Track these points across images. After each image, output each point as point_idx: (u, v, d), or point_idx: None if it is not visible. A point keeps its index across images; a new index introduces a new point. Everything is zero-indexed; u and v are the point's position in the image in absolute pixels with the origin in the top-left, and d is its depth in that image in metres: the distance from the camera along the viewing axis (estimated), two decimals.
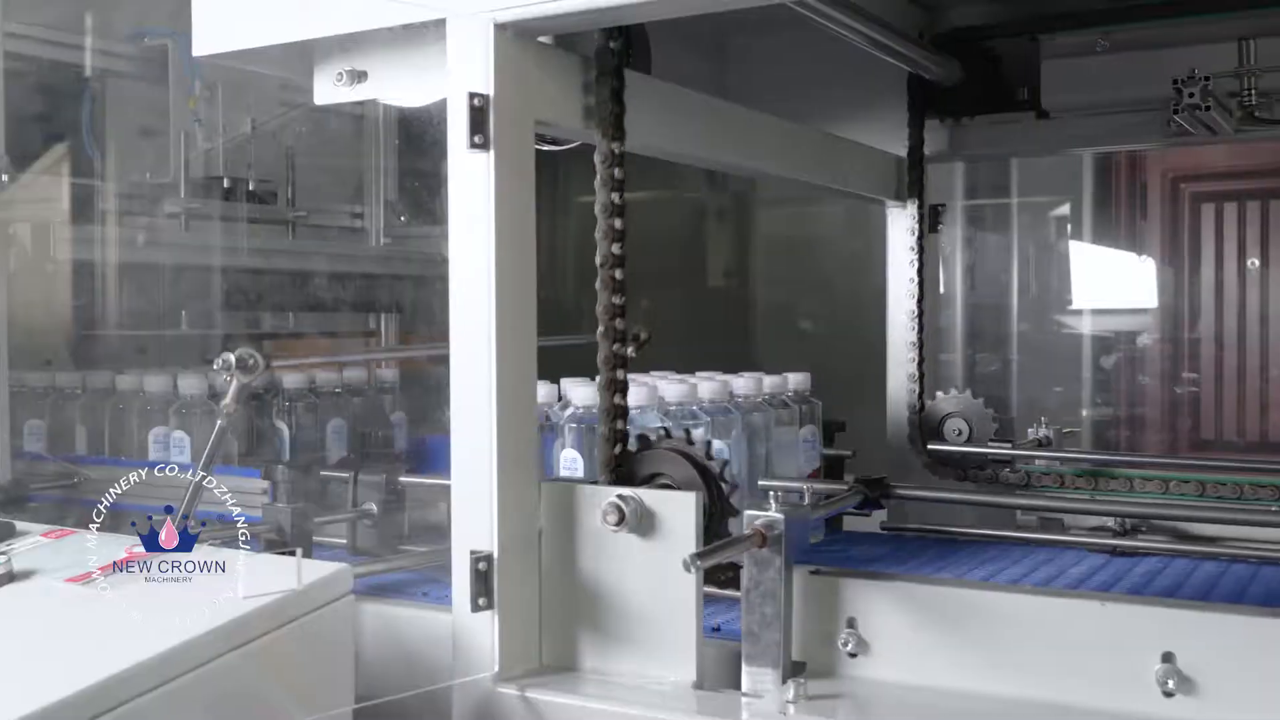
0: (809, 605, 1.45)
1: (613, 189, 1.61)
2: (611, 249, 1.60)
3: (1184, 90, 2.07)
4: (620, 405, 1.59)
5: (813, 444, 2.23)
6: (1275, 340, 4.34)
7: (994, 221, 4.70)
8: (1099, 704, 1.31)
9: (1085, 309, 4.63)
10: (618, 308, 1.60)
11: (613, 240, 1.60)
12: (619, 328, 1.59)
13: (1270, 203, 4.41)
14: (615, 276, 1.60)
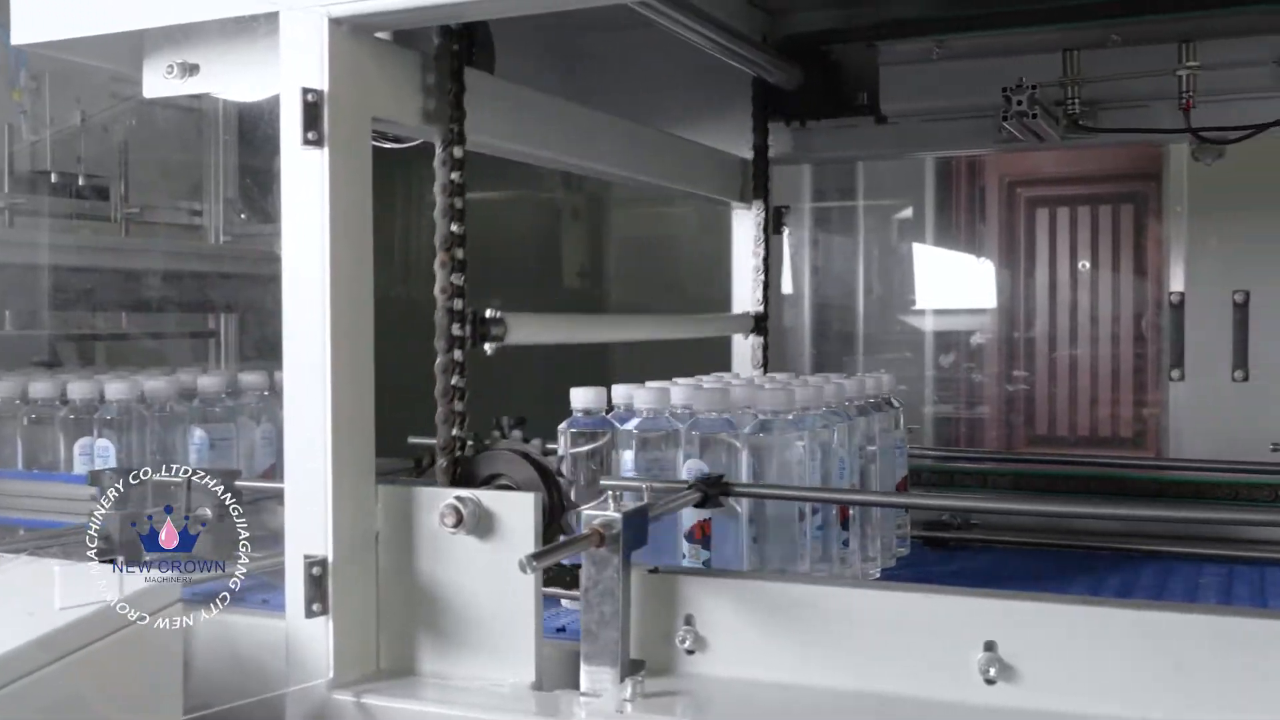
0: (647, 603, 1.45)
1: (452, 168, 1.60)
2: (451, 228, 1.58)
3: (1013, 98, 2.14)
4: (459, 413, 1.58)
5: (903, 449, 2.06)
6: (1104, 339, 4.53)
7: (840, 223, 4.81)
8: (926, 693, 1.35)
9: (928, 309, 4.77)
10: (457, 288, 1.58)
11: (451, 219, 1.59)
12: (457, 309, 1.58)
13: (1099, 207, 4.60)
14: (455, 256, 1.58)
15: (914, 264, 4.92)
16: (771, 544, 1.69)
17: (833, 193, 4.80)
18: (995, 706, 1.32)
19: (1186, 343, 2.64)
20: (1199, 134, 2.25)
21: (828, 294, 4.75)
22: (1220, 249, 3.25)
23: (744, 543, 1.68)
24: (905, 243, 4.89)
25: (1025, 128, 2.19)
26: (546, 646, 1.48)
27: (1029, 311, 4.71)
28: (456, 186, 1.60)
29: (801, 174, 4.43)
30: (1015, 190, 4.88)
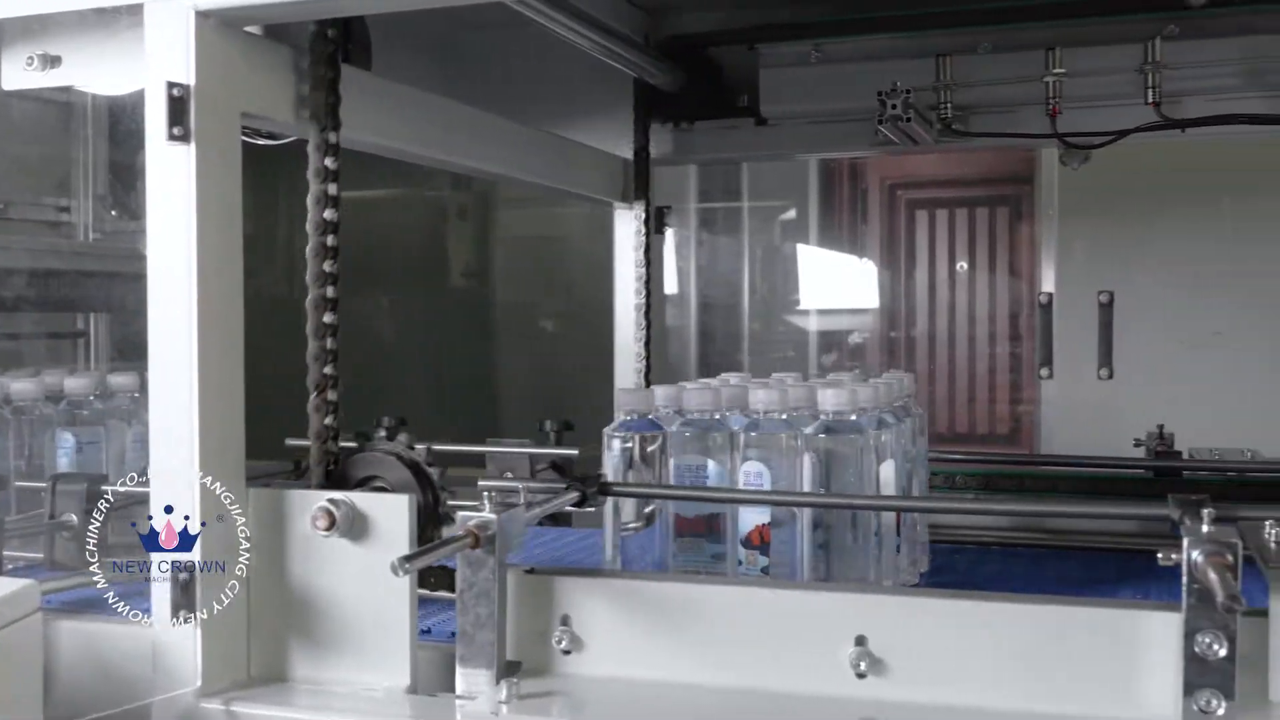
0: (524, 604, 1.45)
1: (325, 179, 1.57)
2: (323, 240, 1.56)
3: (887, 102, 2.18)
4: (332, 402, 1.55)
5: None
6: (981, 338, 4.64)
7: (726, 224, 4.85)
8: (799, 688, 1.37)
9: (812, 309, 4.83)
10: (328, 301, 1.56)
11: (324, 232, 1.56)
12: (328, 323, 1.55)
13: (977, 210, 4.71)
14: (325, 269, 1.56)
15: (798, 264, 4.98)
16: (836, 551, 1.61)
17: (718, 193, 4.84)
18: (866, 699, 1.34)
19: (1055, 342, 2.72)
20: (1065, 139, 2.32)
21: (713, 294, 4.79)
22: (1087, 251, 3.36)
23: (805, 550, 1.61)
24: (789, 243, 4.95)
25: (900, 131, 2.23)
26: (423, 650, 1.47)
27: (909, 311, 4.80)
28: (330, 173, 1.57)
29: (687, 174, 4.46)
30: (896, 192, 4.96)
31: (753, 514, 1.62)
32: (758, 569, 1.61)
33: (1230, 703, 1.21)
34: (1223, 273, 3.23)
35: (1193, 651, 1.22)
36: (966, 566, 1.98)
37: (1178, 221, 3.21)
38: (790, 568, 1.61)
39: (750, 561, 1.61)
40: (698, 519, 1.66)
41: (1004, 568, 1.95)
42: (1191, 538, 1.22)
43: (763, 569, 1.61)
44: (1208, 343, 3.19)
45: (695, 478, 1.67)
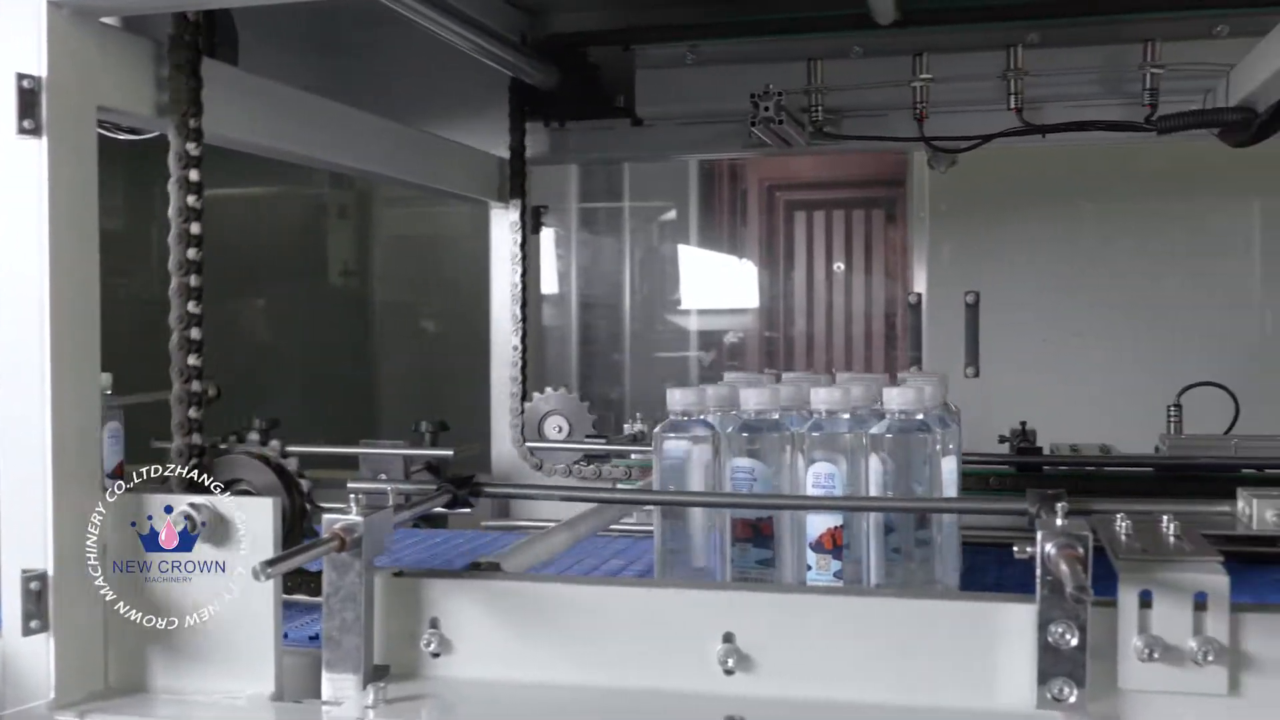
0: (392, 607, 1.43)
1: (188, 190, 1.54)
2: (187, 254, 1.53)
3: (760, 104, 2.20)
4: (196, 394, 1.52)
5: None
6: (858, 338, 4.72)
7: (607, 224, 4.86)
8: (669, 686, 1.37)
9: (692, 309, 4.86)
10: (194, 317, 1.53)
11: (188, 245, 1.53)
12: (192, 312, 1.52)
13: (853, 211, 4.79)
14: (190, 284, 1.53)
15: (679, 264, 5.01)
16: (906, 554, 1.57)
17: (600, 193, 4.84)
18: (734, 696, 1.35)
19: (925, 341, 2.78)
20: (931, 143, 2.37)
21: (594, 293, 4.79)
22: (955, 252, 3.44)
23: (876, 553, 1.57)
24: (670, 244, 4.98)
25: (773, 133, 2.26)
26: (290, 655, 1.45)
27: (788, 311, 4.86)
28: (193, 185, 1.54)
29: (568, 174, 4.46)
30: (775, 194, 5.02)
31: (823, 517, 1.58)
32: (830, 574, 1.57)
33: (1081, 690, 1.25)
34: (1084, 274, 3.33)
35: (1046, 641, 1.26)
36: None
37: (1041, 224, 3.31)
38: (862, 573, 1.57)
39: (822, 566, 1.58)
40: (744, 523, 1.63)
41: None
42: (1045, 531, 1.26)
43: (835, 573, 1.57)
44: (1069, 342, 3.30)
45: (751, 480, 1.63)
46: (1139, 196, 3.36)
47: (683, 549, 1.67)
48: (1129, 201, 3.35)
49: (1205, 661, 1.24)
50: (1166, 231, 3.35)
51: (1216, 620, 1.24)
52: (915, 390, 1.58)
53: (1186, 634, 1.25)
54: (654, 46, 2.52)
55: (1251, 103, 2.10)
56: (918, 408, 1.58)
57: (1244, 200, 3.25)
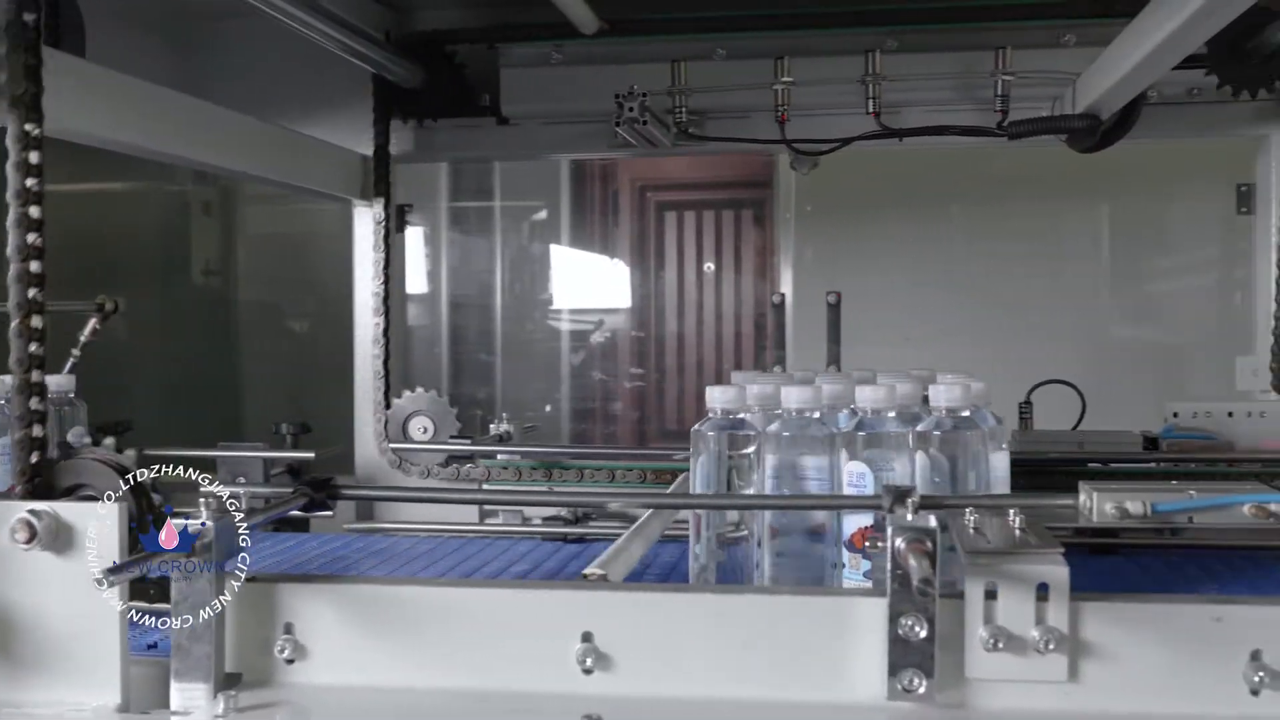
0: (244, 614, 1.40)
1: (28, 174, 1.48)
2: (27, 238, 1.47)
3: (624, 104, 2.21)
4: (38, 410, 1.46)
5: None
6: (728, 337, 4.77)
7: (478, 223, 4.83)
8: (528, 687, 1.37)
9: (564, 309, 4.86)
10: (35, 303, 1.47)
11: (28, 229, 1.47)
12: (35, 326, 1.46)
13: (723, 212, 4.84)
14: (31, 270, 1.47)
15: (551, 264, 5.00)
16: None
17: (470, 192, 4.81)
18: (593, 695, 1.35)
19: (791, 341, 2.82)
20: (793, 145, 2.40)
21: (465, 293, 4.76)
22: (819, 252, 3.50)
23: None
24: (542, 243, 4.97)
25: (638, 133, 2.27)
26: (137, 665, 1.41)
27: (659, 311, 4.89)
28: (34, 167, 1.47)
29: (438, 172, 4.42)
30: (646, 194, 5.04)
31: (855, 516, 1.57)
32: (860, 573, 1.56)
33: (930, 681, 1.28)
34: (944, 274, 3.42)
35: (896, 634, 1.29)
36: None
37: (903, 225, 3.39)
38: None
39: (854, 565, 1.57)
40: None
41: None
42: (895, 526, 1.29)
43: (865, 573, 1.56)
44: (930, 340, 3.37)
45: (795, 479, 1.61)
46: (996, 199, 3.46)
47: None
48: (987, 204, 3.45)
49: (1047, 650, 1.28)
50: (1022, 233, 3.45)
51: (1057, 610, 1.28)
52: (962, 387, 1.60)
53: (1029, 624, 1.28)
54: (519, 45, 2.51)
55: (1096, 110, 2.17)
56: (965, 405, 1.59)
57: (1094, 204, 3.37)
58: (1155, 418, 2.30)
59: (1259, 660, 1.27)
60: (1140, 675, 1.29)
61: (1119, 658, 1.29)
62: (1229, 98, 2.30)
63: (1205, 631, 1.29)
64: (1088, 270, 3.39)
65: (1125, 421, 2.30)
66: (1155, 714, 1.28)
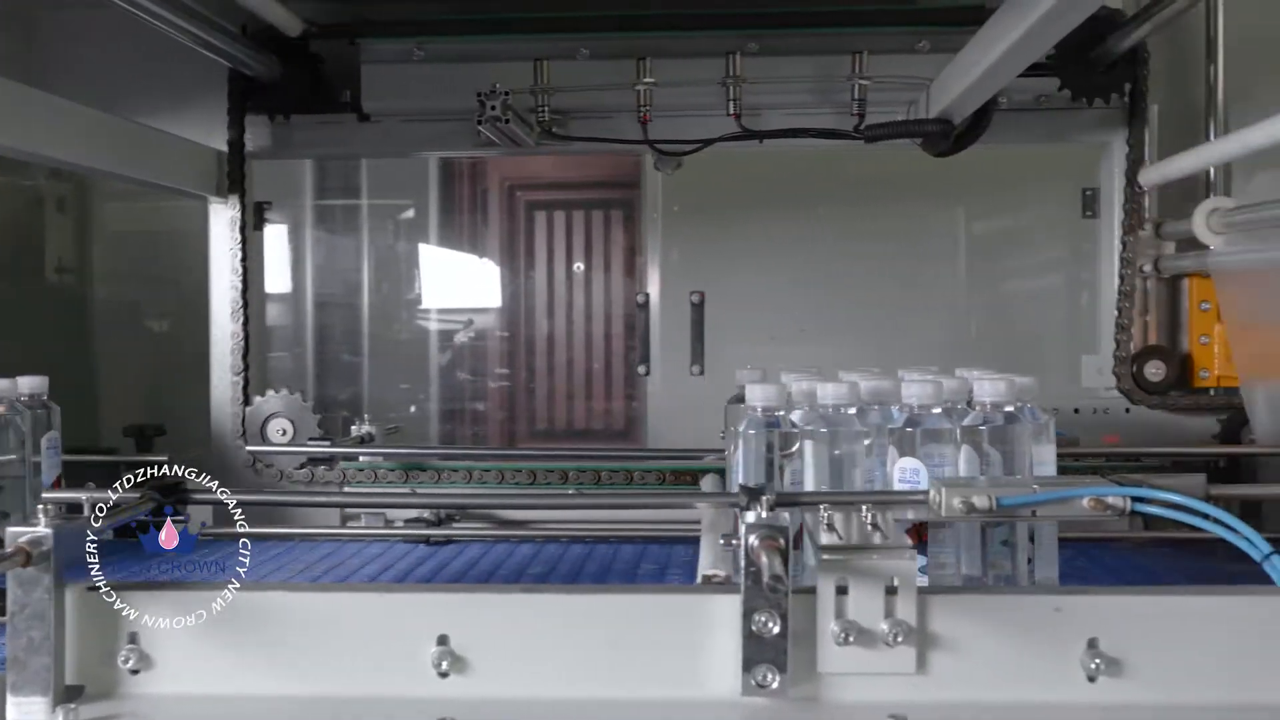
0: (86, 624, 1.35)
1: None
2: None
3: (487, 103, 2.20)
4: None
5: None
6: (598, 337, 4.77)
7: (344, 221, 4.74)
8: (382, 692, 1.35)
9: (433, 309, 4.80)
10: None
11: None
12: None
13: (593, 212, 4.83)
14: None
15: (419, 264, 4.94)
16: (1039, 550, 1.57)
17: (336, 190, 4.72)
18: (448, 698, 1.34)
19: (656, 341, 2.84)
20: (655, 146, 2.42)
21: (330, 292, 4.67)
22: (685, 253, 3.52)
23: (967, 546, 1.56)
24: (410, 242, 4.90)
25: (501, 132, 2.26)
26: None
27: (529, 311, 4.85)
28: None
29: (301, 169, 4.33)
30: (515, 194, 5.01)
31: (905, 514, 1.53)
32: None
33: (783, 676, 1.30)
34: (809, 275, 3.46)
35: (750, 630, 1.30)
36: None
37: (768, 225, 3.41)
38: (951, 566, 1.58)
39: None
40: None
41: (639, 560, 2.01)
42: (748, 524, 1.30)
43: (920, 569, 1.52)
44: (794, 339, 3.41)
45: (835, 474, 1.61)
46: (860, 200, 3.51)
47: None
48: (851, 204, 3.50)
49: (896, 643, 1.31)
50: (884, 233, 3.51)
51: (905, 604, 1.31)
52: (1008, 383, 1.61)
53: (879, 618, 1.31)
54: (380, 41, 2.48)
55: (949, 114, 2.23)
56: (1011, 399, 1.60)
57: (951, 206, 3.45)
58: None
59: (1095, 648, 1.31)
60: (985, 665, 1.32)
61: (965, 649, 1.32)
62: (1075, 105, 2.38)
63: (1046, 621, 1.33)
64: (946, 270, 3.46)
65: None
66: (998, 702, 1.32)
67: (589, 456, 2.46)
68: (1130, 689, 1.31)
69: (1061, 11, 1.58)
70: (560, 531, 2.17)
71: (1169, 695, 1.31)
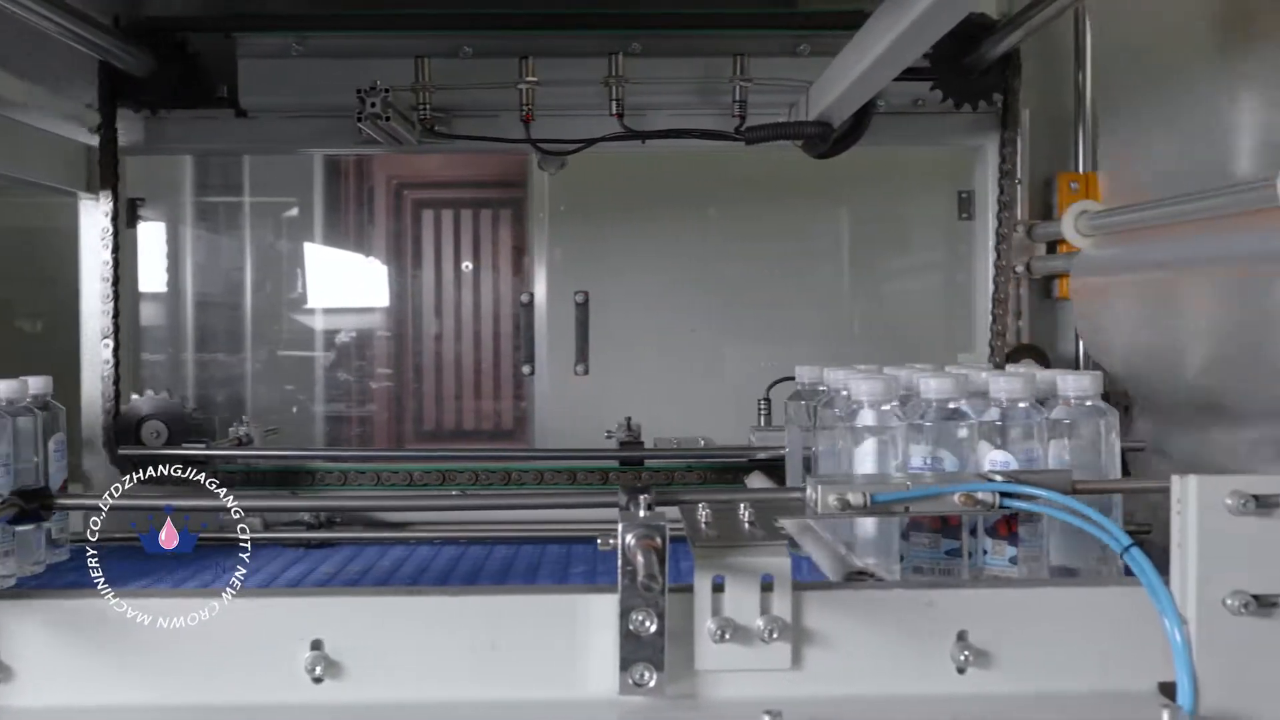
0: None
1: None
2: None
3: (367, 100, 2.17)
4: None
5: None
6: (486, 337, 4.74)
7: (227, 219, 4.64)
8: (254, 699, 1.32)
9: (319, 308, 4.73)
10: None
11: None
12: None
13: (481, 211, 4.80)
14: None
15: (305, 262, 4.86)
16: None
17: (217, 186, 4.62)
18: (323, 704, 1.32)
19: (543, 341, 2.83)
20: (538, 145, 2.41)
21: (211, 292, 4.56)
22: (572, 252, 3.52)
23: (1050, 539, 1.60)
24: (295, 240, 4.82)
25: (382, 130, 2.23)
26: None
27: (417, 311, 4.80)
28: None
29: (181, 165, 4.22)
30: (403, 192, 4.96)
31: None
32: (1005, 559, 1.59)
33: (660, 674, 1.30)
34: (696, 275, 3.48)
35: (627, 629, 1.30)
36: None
37: (655, 225, 3.43)
38: (1038, 559, 1.60)
39: (997, 552, 1.60)
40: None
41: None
42: (625, 523, 1.30)
43: (1010, 559, 1.59)
44: (684, 339, 3.43)
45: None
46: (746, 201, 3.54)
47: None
48: (738, 205, 3.53)
49: (771, 639, 1.32)
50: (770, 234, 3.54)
51: (781, 600, 1.32)
52: (1092, 377, 1.64)
53: (755, 614, 1.32)
54: (257, 35, 2.43)
55: (828, 117, 2.26)
56: (1094, 393, 1.63)
57: (835, 207, 3.50)
58: None
59: (965, 640, 1.34)
60: (859, 659, 1.34)
61: (839, 643, 1.34)
62: (950, 109, 2.43)
63: (917, 615, 1.35)
64: (831, 270, 3.51)
65: None
66: (871, 695, 1.34)
67: (472, 457, 2.44)
68: (997, 679, 1.34)
69: (933, 16, 1.61)
70: (458, 533, 2.14)
71: (1035, 685, 1.34)
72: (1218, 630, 1.27)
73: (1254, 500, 1.27)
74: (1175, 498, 1.31)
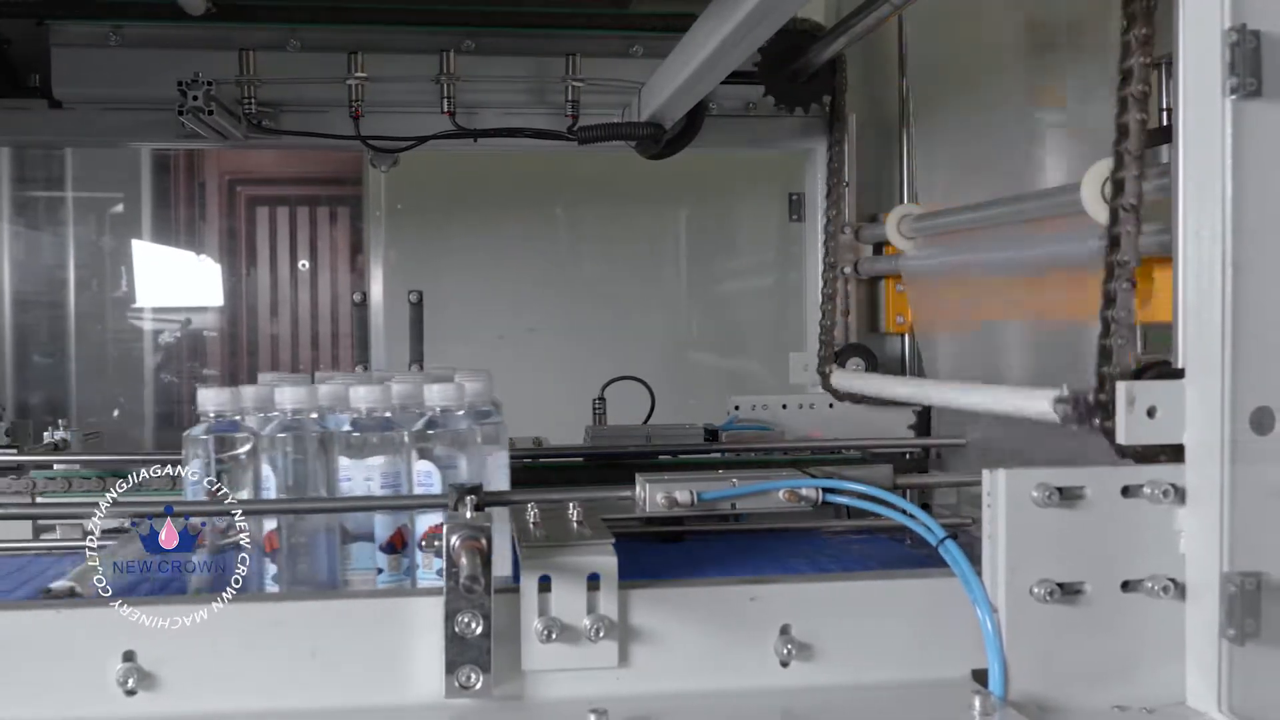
0: None
1: None
2: None
3: (188, 93, 2.10)
4: None
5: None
6: (324, 336, 4.66)
7: (49, 215, 4.46)
8: (61, 715, 1.27)
9: (146, 307, 4.58)
10: None
11: None
12: None
13: (318, 209, 4.71)
14: None
15: (132, 260, 4.70)
16: None
17: (38, 181, 4.44)
18: (136, 717, 1.28)
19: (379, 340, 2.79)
20: (368, 142, 2.37)
21: (30, 290, 4.38)
22: (408, 251, 3.48)
23: None
24: (121, 237, 4.66)
25: (205, 124, 2.17)
26: None
27: (252, 309, 4.71)
28: None
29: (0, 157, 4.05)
30: (236, 188, 4.85)
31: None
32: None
33: (487, 676, 1.30)
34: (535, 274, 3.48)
35: (453, 631, 1.29)
36: None
37: (493, 224, 3.42)
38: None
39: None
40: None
41: None
42: (451, 524, 1.29)
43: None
44: (523, 338, 3.43)
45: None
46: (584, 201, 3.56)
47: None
48: (575, 206, 3.55)
49: (598, 638, 1.32)
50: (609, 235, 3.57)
51: (607, 598, 1.33)
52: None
53: (581, 613, 1.33)
54: (71, 23, 2.33)
55: (660, 118, 2.28)
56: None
57: (674, 209, 3.54)
58: (722, 410, 2.44)
59: (788, 634, 1.36)
60: (684, 655, 1.36)
61: (665, 640, 1.35)
62: (780, 113, 2.47)
63: (742, 610, 1.37)
64: (669, 272, 3.55)
65: (697, 414, 2.42)
66: (697, 690, 1.35)
67: None
68: (819, 672, 1.37)
69: (757, 19, 1.64)
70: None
71: (855, 676, 1.37)
72: (1025, 618, 1.32)
73: (1058, 492, 1.32)
74: (986, 490, 1.36)
